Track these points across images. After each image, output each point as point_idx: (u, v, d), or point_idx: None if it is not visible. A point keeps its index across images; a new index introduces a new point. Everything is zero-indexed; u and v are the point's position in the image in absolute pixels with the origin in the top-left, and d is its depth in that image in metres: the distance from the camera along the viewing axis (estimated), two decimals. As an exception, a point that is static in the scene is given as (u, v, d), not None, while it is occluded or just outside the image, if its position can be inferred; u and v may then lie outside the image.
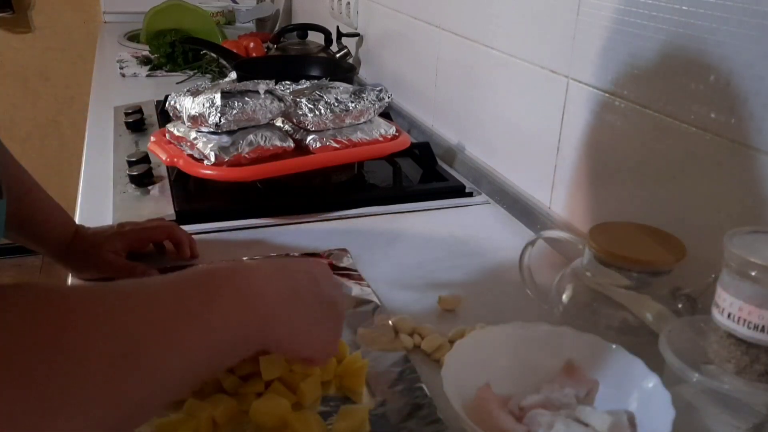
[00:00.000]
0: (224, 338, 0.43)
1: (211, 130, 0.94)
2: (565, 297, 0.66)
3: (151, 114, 1.37)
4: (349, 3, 1.69)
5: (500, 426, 0.53)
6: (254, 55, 1.74)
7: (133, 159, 1.08)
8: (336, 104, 1.00)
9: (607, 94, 0.79)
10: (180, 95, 0.99)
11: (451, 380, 0.53)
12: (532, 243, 0.73)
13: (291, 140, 0.99)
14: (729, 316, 0.50)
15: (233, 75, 1.42)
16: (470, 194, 1.07)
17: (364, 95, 1.04)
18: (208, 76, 1.74)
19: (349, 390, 0.59)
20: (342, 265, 0.81)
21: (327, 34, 1.66)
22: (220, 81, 1.47)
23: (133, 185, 1.03)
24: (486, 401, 0.55)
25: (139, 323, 0.38)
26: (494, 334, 0.61)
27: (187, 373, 0.40)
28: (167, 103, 1.02)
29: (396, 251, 0.89)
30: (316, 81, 1.10)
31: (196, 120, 0.95)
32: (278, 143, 0.96)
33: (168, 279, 0.43)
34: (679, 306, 0.60)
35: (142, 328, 0.37)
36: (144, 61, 1.86)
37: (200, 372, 0.42)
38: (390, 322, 0.70)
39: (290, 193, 1.02)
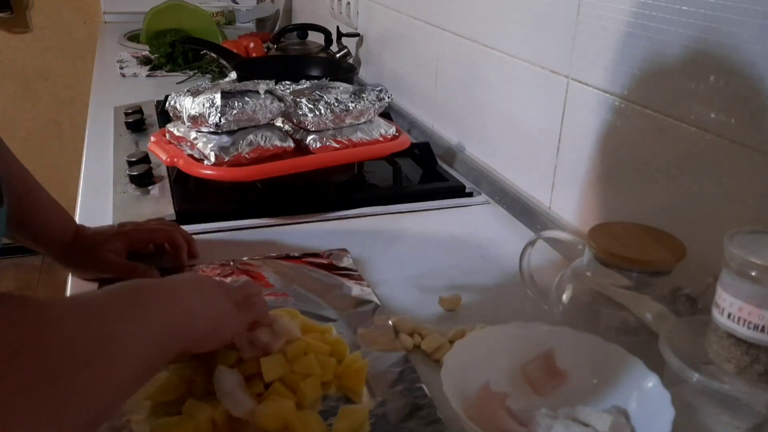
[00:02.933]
0: (163, 335, 0.49)
1: (211, 130, 0.94)
2: (565, 297, 0.66)
3: (151, 114, 1.37)
4: (349, 3, 1.69)
5: (501, 427, 0.53)
6: (254, 55, 1.74)
7: (133, 159, 1.08)
8: (336, 104, 1.00)
9: (607, 94, 0.79)
10: (180, 95, 0.99)
11: (450, 381, 0.53)
12: (532, 243, 0.73)
13: (291, 140, 0.99)
14: (729, 316, 0.50)
15: (233, 75, 1.42)
16: (470, 194, 1.07)
17: (364, 95, 1.04)
18: (208, 76, 1.74)
19: (349, 390, 0.59)
20: (342, 265, 0.81)
21: (327, 34, 1.66)
22: (220, 81, 1.47)
23: (133, 185, 1.03)
24: (487, 401, 0.55)
25: (81, 333, 0.41)
26: (493, 335, 0.61)
27: (137, 375, 0.45)
28: (167, 103, 1.02)
29: (396, 251, 0.89)
30: (316, 81, 1.10)
31: (196, 120, 0.95)
32: (278, 143, 0.96)
33: (105, 289, 0.49)
34: (679, 306, 0.60)
35: (85, 337, 0.41)
36: (144, 61, 1.86)
37: (147, 371, 0.47)
38: (390, 322, 0.70)
39: (290, 193, 1.02)
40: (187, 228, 0.86)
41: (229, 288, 0.60)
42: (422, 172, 1.14)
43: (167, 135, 1.03)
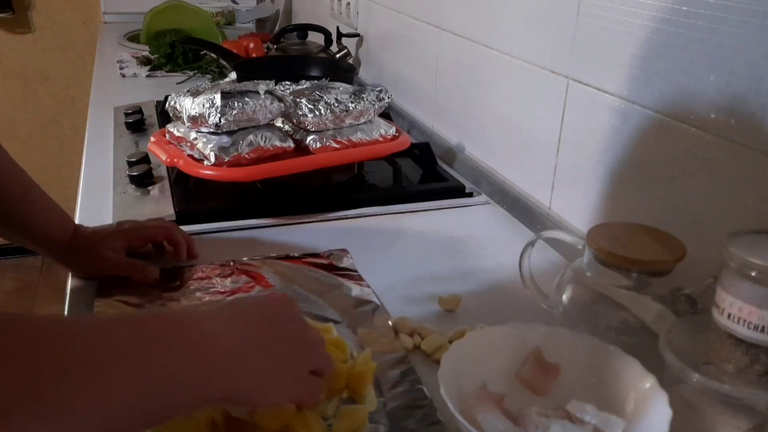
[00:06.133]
0: (175, 383, 0.41)
1: (211, 130, 0.94)
2: (565, 297, 0.66)
3: (151, 114, 1.37)
4: (349, 3, 1.69)
5: (498, 428, 0.53)
6: (254, 55, 1.74)
7: (133, 159, 1.08)
8: (336, 104, 1.00)
9: (607, 95, 0.79)
10: (180, 95, 0.99)
11: (447, 382, 0.53)
12: (532, 243, 0.73)
13: (291, 140, 0.99)
14: (729, 316, 0.50)
15: (233, 75, 1.42)
16: (470, 194, 1.07)
17: (364, 95, 1.04)
18: (208, 76, 1.74)
19: (354, 391, 0.59)
20: (342, 265, 0.81)
21: (327, 34, 1.66)
22: (220, 81, 1.46)
23: (133, 185, 1.03)
24: (481, 403, 0.55)
25: (66, 357, 0.37)
26: (490, 336, 0.61)
27: (127, 414, 0.39)
28: (167, 103, 1.02)
29: (396, 251, 0.89)
30: (316, 81, 1.10)
31: (196, 120, 0.95)
32: (278, 143, 0.96)
33: (113, 317, 0.43)
34: (679, 306, 0.60)
35: (69, 363, 0.36)
36: (144, 61, 1.86)
37: (140, 419, 0.40)
38: (390, 323, 0.70)
39: (290, 193, 1.02)
40: (186, 228, 0.86)
41: (300, 352, 0.51)
42: (422, 172, 1.14)
43: (167, 135, 1.03)
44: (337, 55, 1.64)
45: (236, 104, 0.93)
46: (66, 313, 0.73)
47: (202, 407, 0.47)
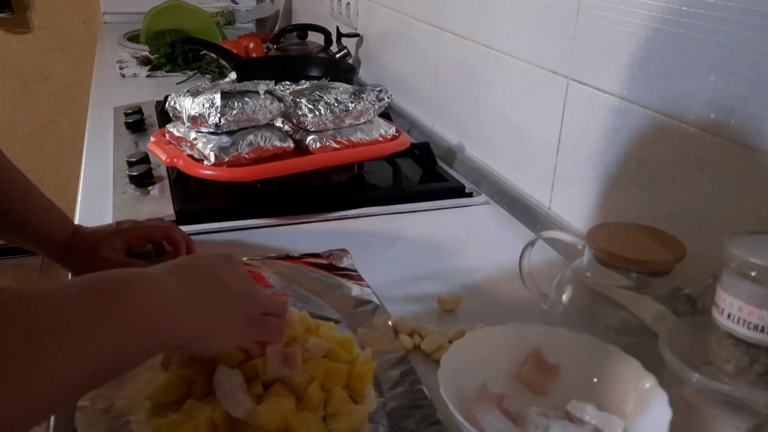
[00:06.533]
0: (132, 337, 0.45)
1: (211, 130, 0.94)
2: (565, 298, 0.66)
3: (150, 114, 1.37)
4: (349, 3, 1.69)
5: (498, 428, 0.53)
6: (254, 55, 1.74)
7: (133, 159, 1.08)
8: (336, 104, 1.00)
9: (606, 94, 0.79)
10: (180, 95, 0.99)
11: (447, 382, 0.53)
12: (532, 243, 0.73)
13: (291, 140, 0.99)
14: (729, 316, 0.50)
15: (233, 75, 1.42)
16: (470, 194, 1.07)
17: (363, 95, 1.04)
18: (208, 76, 1.74)
19: (353, 391, 0.59)
20: (342, 265, 0.81)
21: (327, 34, 1.66)
22: (220, 81, 1.47)
23: (133, 185, 1.03)
24: (481, 403, 0.54)
25: (39, 323, 0.39)
26: (490, 335, 0.61)
27: (93, 372, 0.42)
28: (167, 103, 1.02)
29: (396, 252, 0.89)
30: (316, 81, 1.10)
31: (196, 120, 0.95)
32: (278, 143, 0.96)
33: (69, 282, 0.47)
34: (679, 306, 0.60)
35: (41, 327, 0.39)
36: (144, 61, 1.86)
37: (107, 371, 0.44)
38: (390, 323, 0.70)
39: (290, 193, 1.02)
40: (186, 228, 0.86)
41: (247, 297, 0.56)
42: (422, 172, 1.14)
43: (167, 135, 1.03)
44: (337, 55, 1.64)
45: (236, 104, 0.93)
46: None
47: (160, 353, 0.54)
